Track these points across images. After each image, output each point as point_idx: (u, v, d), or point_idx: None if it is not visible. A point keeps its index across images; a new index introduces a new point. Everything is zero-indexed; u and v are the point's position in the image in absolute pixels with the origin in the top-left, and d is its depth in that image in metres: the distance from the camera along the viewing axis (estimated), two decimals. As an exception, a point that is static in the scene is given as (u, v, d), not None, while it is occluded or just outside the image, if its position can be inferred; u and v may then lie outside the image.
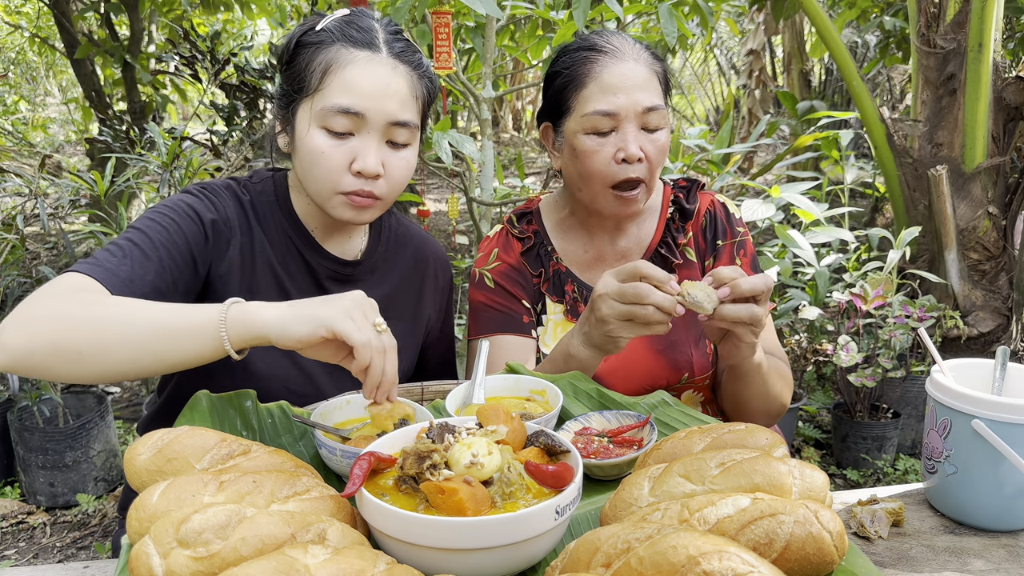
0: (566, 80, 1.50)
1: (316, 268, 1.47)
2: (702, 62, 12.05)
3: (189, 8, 5.58)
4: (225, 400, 1.21)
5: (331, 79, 1.31)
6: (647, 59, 1.49)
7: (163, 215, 1.33)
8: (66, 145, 9.52)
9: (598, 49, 1.48)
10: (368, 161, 1.31)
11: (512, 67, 4.88)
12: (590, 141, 1.47)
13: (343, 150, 1.32)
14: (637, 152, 1.44)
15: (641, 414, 1.21)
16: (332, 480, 1.09)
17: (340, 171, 1.32)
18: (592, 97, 1.46)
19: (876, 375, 3.03)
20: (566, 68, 1.50)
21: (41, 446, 3.00)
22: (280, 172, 1.52)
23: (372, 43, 1.34)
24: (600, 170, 1.47)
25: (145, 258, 1.25)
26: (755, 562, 0.70)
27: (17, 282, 2.91)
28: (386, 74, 1.33)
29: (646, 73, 1.47)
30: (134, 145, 3.40)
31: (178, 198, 1.38)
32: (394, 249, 1.59)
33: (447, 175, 3.33)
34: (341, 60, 1.32)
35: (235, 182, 1.48)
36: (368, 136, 1.32)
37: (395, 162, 1.36)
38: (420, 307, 1.61)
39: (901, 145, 3.76)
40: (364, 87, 1.31)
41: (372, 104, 1.31)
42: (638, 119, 1.45)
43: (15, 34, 8.76)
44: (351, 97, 1.30)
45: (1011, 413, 1.04)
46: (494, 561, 0.82)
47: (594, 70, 1.46)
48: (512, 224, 1.67)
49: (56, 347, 1.06)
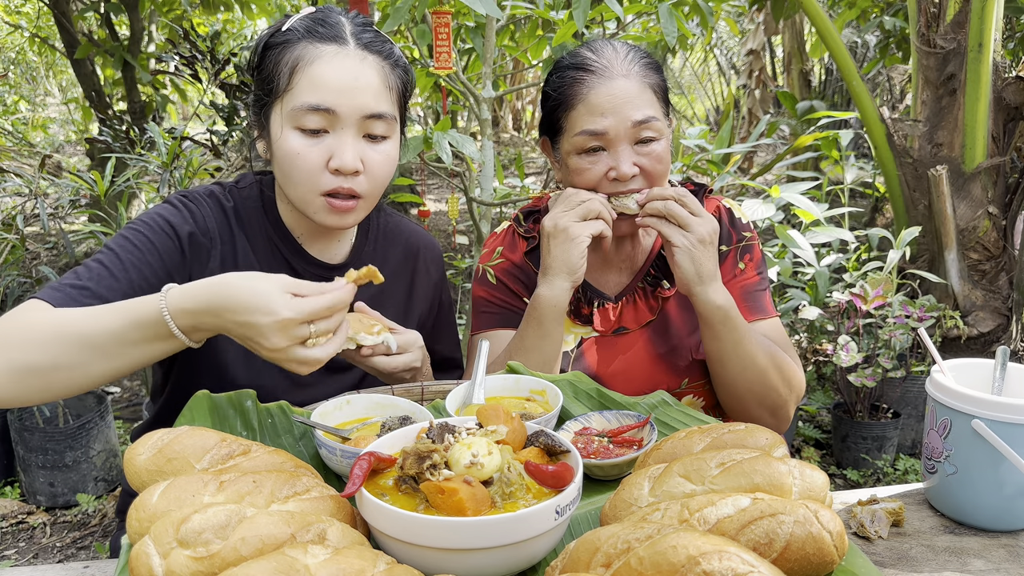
0: (556, 102, 1.50)
1: (302, 273, 1.44)
2: (702, 62, 12.05)
3: (189, 8, 5.58)
4: (225, 400, 1.21)
5: (299, 77, 1.28)
6: (638, 72, 1.46)
7: (137, 231, 1.32)
8: (66, 145, 9.52)
9: (586, 68, 1.46)
10: (345, 158, 1.28)
11: (512, 67, 4.88)
12: (583, 162, 1.47)
13: (319, 149, 1.29)
14: (629, 171, 1.44)
15: (641, 414, 1.21)
16: (332, 480, 1.09)
17: (317, 171, 1.29)
18: (580, 118, 1.45)
19: (876, 375, 3.03)
20: (556, 89, 1.50)
21: (41, 446, 3.00)
22: (268, 175, 1.49)
23: (338, 36, 1.31)
24: (596, 187, 1.48)
25: (113, 281, 1.24)
26: (755, 562, 0.70)
27: (17, 282, 2.91)
28: (354, 66, 1.30)
29: (636, 87, 1.45)
30: (134, 145, 3.40)
31: (155, 211, 1.36)
32: (383, 247, 1.57)
33: (447, 175, 3.33)
34: (307, 56, 1.29)
35: (220, 188, 1.46)
36: (343, 132, 1.29)
37: (374, 156, 1.33)
38: (411, 302, 1.60)
39: (901, 145, 3.76)
40: (332, 81, 1.28)
41: (343, 99, 1.28)
42: (629, 135, 1.44)
43: (15, 34, 8.76)
44: (320, 93, 1.27)
45: (1011, 413, 1.04)
46: (494, 561, 0.82)
47: (581, 91, 1.45)
48: (519, 223, 1.67)
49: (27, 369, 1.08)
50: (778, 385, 1.47)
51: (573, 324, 1.60)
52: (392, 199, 3.22)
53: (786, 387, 1.49)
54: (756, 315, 1.55)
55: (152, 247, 1.31)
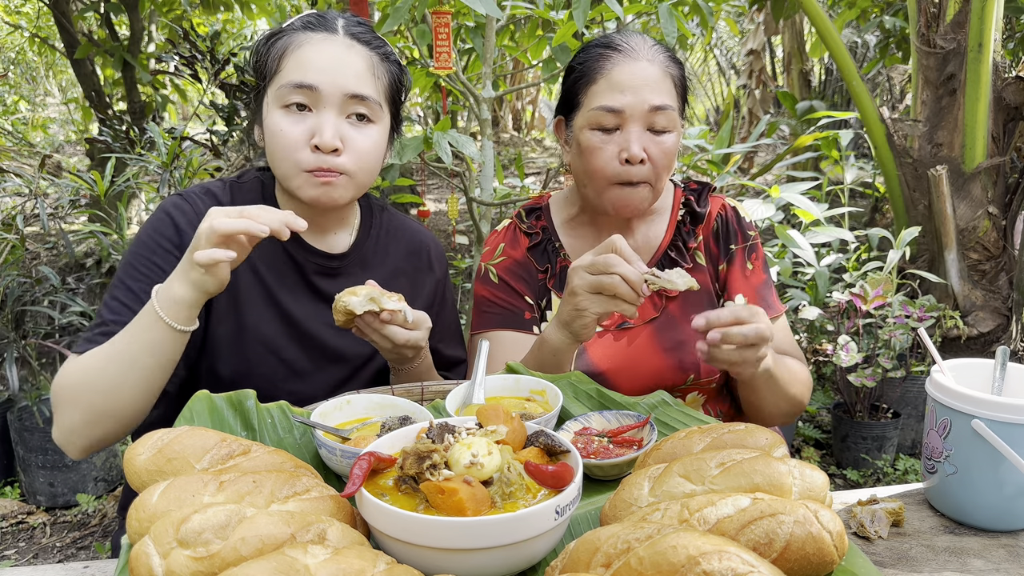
0: (579, 75, 1.52)
1: (303, 264, 1.46)
2: (702, 62, 12.04)
3: (189, 8, 5.58)
4: (225, 400, 1.21)
5: (287, 61, 1.35)
6: (663, 61, 1.49)
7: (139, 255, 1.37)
8: (66, 145, 9.51)
9: (614, 47, 1.49)
10: (325, 135, 1.31)
11: (512, 67, 4.88)
12: (595, 137, 1.48)
13: (301, 127, 1.33)
14: (639, 153, 1.44)
15: (641, 414, 1.21)
16: (332, 480, 1.09)
17: (299, 147, 1.33)
18: (600, 93, 1.47)
19: (876, 375, 3.03)
20: (580, 64, 1.53)
21: (41, 446, 3.00)
22: (269, 171, 1.51)
23: (329, 26, 1.38)
24: (602, 167, 1.48)
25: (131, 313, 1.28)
26: (755, 562, 0.70)
27: (17, 282, 2.91)
28: (341, 51, 1.35)
29: (658, 74, 1.47)
30: (134, 145, 3.40)
31: (150, 228, 1.39)
32: (385, 243, 1.58)
33: (447, 175, 3.33)
34: (296, 41, 1.35)
35: (220, 184, 1.49)
36: (325, 111, 1.33)
37: (356, 136, 1.36)
38: (413, 298, 1.60)
39: (901, 145, 3.76)
40: (317, 62, 1.33)
41: (326, 77, 1.32)
42: (644, 119, 1.45)
43: (15, 34, 8.76)
44: (304, 71, 1.33)
45: (1011, 413, 1.04)
46: (494, 561, 0.82)
47: (606, 67, 1.48)
48: (521, 219, 1.67)
49: (91, 423, 1.25)
50: (803, 398, 1.52)
51: None
52: (392, 199, 3.22)
53: (807, 394, 1.54)
54: (768, 313, 1.56)
55: (158, 269, 1.35)
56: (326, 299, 1.47)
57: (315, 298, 1.48)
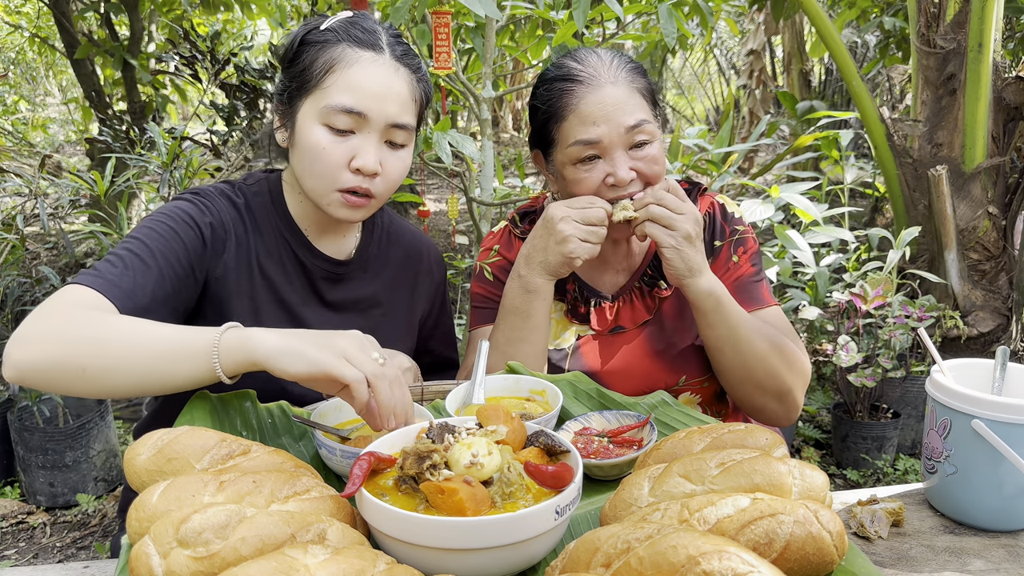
0: (546, 115, 1.50)
1: (310, 268, 1.48)
2: (702, 62, 12.05)
3: (189, 8, 5.58)
4: (225, 400, 1.21)
5: (335, 77, 1.33)
6: (625, 78, 1.47)
7: (161, 223, 1.34)
8: (66, 145, 9.52)
9: (573, 79, 1.46)
10: (368, 159, 1.34)
11: (512, 67, 4.88)
12: (579, 172, 1.47)
13: (343, 147, 1.34)
14: (627, 176, 1.44)
15: (641, 414, 1.21)
16: (332, 480, 1.09)
17: (339, 167, 1.34)
18: (573, 128, 1.45)
19: (876, 375, 3.03)
20: (544, 102, 1.50)
21: (41, 446, 3.00)
22: (275, 173, 1.53)
23: (376, 44, 1.36)
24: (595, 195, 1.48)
25: (145, 268, 1.26)
26: (755, 562, 0.70)
27: (17, 282, 2.91)
28: (389, 76, 1.35)
29: (625, 93, 1.45)
30: (134, 145, 3.40)
31: (174, 205, 1.39)
32: (386, 246, 1.60)
33: (447, 175, 3.33)
34: (346, 59, 1.34)
35: (229, 185, 1.49)
36: (368, 135, 1.35)
37: (392, 162, 1.38)
38: (414, 302, 1.63)
39: (901, 145, 3.76)
40: (367, 87, 1.33)
41: (375, 105, 1.33)
42: (623, 141, 1.44)
43: (15, 34, 8.76)
44: (355, 97, 1.32)
45: (1011, 413, 1.04)
46: (494, 561, 0.82)
47: (571, 102, 1.45)
48: (515, 223, 1.68)
49: (61, 364, 1.10)
50: (781, 370, 1.46)
51: (570, 322, 1.60)
52: (392, 199, 3.22)
53: (790, 371, 1.47)
54: (754, 305, 1.55)
55: (177, 236, 1.33)
56: (331, 305, 1.50)
57: (320, 304, 1.50)
